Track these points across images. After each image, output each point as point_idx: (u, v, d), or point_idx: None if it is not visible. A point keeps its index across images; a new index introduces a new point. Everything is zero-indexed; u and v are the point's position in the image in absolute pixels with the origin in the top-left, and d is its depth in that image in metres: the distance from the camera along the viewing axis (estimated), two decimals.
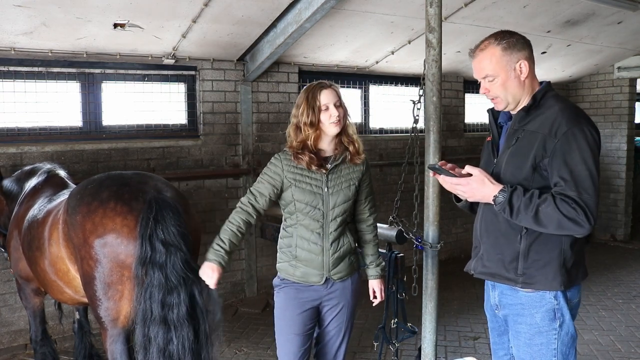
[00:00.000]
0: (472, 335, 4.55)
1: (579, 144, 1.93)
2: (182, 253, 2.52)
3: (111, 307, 2.57)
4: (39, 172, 3.46)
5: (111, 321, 2.60)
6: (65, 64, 4.49)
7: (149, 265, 2.47)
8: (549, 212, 1.90)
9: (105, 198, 2.60)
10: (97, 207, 2.57)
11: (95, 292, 2.57)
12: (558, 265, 2.03)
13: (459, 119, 7.13)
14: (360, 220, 2.66)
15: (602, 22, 5.75)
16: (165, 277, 2.46)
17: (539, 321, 2.07)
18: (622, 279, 6.16)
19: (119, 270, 2.54)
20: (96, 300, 2.58)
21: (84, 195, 2.66)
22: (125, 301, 2.57)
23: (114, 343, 2.63)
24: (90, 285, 2.58)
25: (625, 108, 7.76)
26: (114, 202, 2.58)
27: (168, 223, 2.52)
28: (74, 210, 2.62)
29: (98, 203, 2.59)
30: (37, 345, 3.47)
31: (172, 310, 2.46)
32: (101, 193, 2.63)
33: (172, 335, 2.45)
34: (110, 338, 2.63)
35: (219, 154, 5.25)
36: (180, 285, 2.49)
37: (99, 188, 2.67)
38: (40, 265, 2.91)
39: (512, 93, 2.10)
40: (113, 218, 2.54)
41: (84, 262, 2.57)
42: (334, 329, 2.61)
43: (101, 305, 2.58)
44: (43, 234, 2.87)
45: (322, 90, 2.43)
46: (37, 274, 3.00)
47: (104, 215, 2.55)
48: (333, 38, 5.08)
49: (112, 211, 2.56)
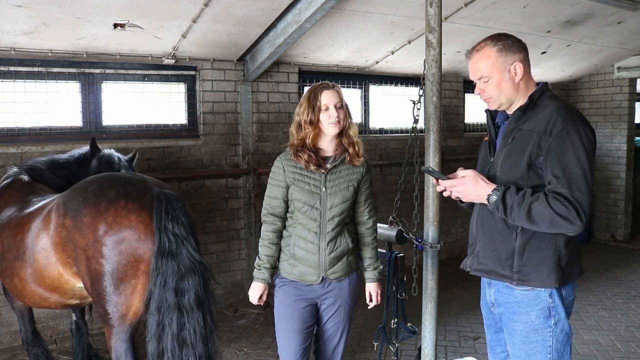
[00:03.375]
0: (472, 335, 4.56)
1: (573, 143, 1.96)
2: (192, 241, 2.66)
3: (122, 302, 2.62)
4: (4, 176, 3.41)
5: (119, 317, 2.63)
6: (65, 64, 4.49)
7: (165, 255, 2.58)
8: (541, 210, 1.93)
9: (113, 197, 2.64)
10: (107, 207, 2.61)
11: (105, 288, 2.60)
12: (553, 262, 2.05)
13: (459, 119, 7.13)
14: (360, 222, 2.67)
15: (602, 22, 5.75)
16: (177, 265, 2.59)
17: (534, 319, 2.09)
18: (622, 279, 6.16)
19: (135, 265, 2.61)
20: (105, 297, 2.61)
21: (87, 197, 2.67)
22: (137, 295, 2.63)
23: (119, 341, 2.65)
24: (99, 282, 2.60)
25: (625, 108, 7.76)
26: (124, 200, 2.63)
27: (178, 214, 2.65)
28: (78, 213, 2.63)
29: (107, 203, 2.62)
30: (28, 347, 3.46)
31: (184, 295, 2.59)
32: (107, 193, 2.66)
33: (184, 320, 2.57)
34: (116, 335, 2.65)
35: (219, 154, 5.25)
36: (190, 272, 2.62)
37: (102, 188, 2.70)
38: (20, 276, 2.87)
39: (506, 94, 2.13)
40: (127, 216, 2.60)
41: (92, 261, 2.59)
42: (331, 328, 2.64)
43: (110, 302, 2.61)
44: (23, 243, 2.83)
45: (323, 90, 2.48)
46: (14, 285, 2.96)
47: (117, 213, 2.60)
48: (333, 38, 5.08)
49: (124, 209, 2.61)
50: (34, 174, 3.36)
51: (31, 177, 3.33)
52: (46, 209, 2.85)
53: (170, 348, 2.55)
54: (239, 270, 5.46)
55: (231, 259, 5.41)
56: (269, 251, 2.58)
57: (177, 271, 2.59)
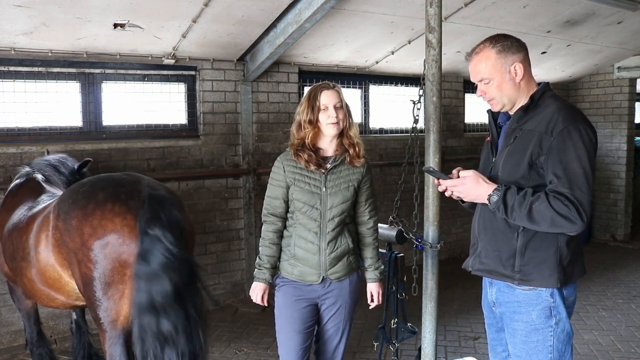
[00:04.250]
0: (472, 335, 4.56)
1: (574, 142, 1.96)
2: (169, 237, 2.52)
3: (111, 307, 2.56)
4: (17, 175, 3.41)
5: (110, 322, 2.59)
6: (65, 64, 4.49)
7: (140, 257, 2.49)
8: (542, 209, 1.93)
9: (101, 200, 2.58)
10: (93, 210, 2.55)
11: (95, 293, 2.56)
12: (554, 262, 2.05)
13: (459, 119, 7.13)
14: (360, 222, 2.67)
15: (602, 22, 5.75)
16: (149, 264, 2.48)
17: (535, 318, 2.09)
18: (622, 279, 6.16)
19: (121, 270, 2.54)
20: (95, 302, 2.57)
21: (77, 199, 2.63)
22: (125, 300, 2.56)
23: (113, 345, 2.61)
24: (89, 287, 2.57)
25: (625, 108, 7.76)
26: (111, 203, 2.57)
27: (159, 214, 2.54)
28: (68, 215, 2.59)
29: (94, 205, 2.56)
30: (33, 347, 3.44)
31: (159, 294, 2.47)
32: (96, 195, 2.61)
33: (163, 318, 2.48)
34: (109, 340, 2.61)
35: (219, 154, 5.25)
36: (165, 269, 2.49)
37: (93, 190, 2.64)
38: (27, 276, 2.87)
39: (508, 95, 2.14)
40: (112, 219, 2.53)
41: (82, 265, 2.55)
42: (332, 328, 2.64)
43: (100, 306, 2.57)
44: (28, 243, 2.82)
45: (323, 90, 2.48)
46: (24, 284, 2.95)
47: (102, 216, 2.53)
48: (333, 38, 5.08)
49: (110, 212, 2.54)
50: (46, 174, 3.34)
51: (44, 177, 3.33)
52: (47, 210, 2.84)
53: (152, 348, 2.48)
54: (239, 270, 5.46)
55: (231, 259, 5.41)
56: (270, 251, 2.58)
57: (149, 271, 2.48)
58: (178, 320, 2.50)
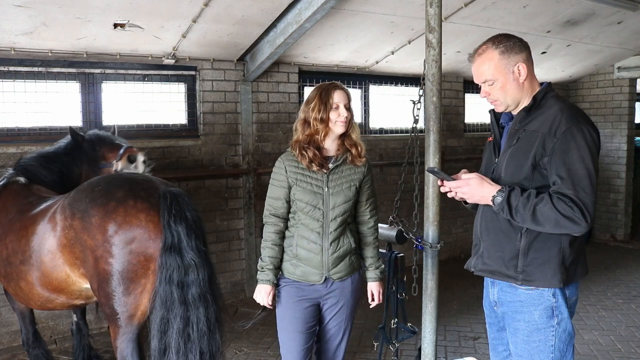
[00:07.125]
0: (472, 335, 4.56)
1: (578, 143, 1.96)
2: (196, 236, 2.67)
3: (131, 302, 2.62)
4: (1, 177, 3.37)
5: (128, 317, 2.64)
6: (65, 64, 4.49)
7: (169, 250, 2.59)
8: (545, 210, 1.93)
9: (121, 197, 2.65)
10: (116, 207, 2.62)
11: (114, 289, 2.61)
12: (557, 263, 2.05)
13: (459, 119, 7.13)
14: (361, 222, 2.68)
15: (602, 22, 5.75)
16: (181, 259, 2.60)
17: (537, 318, 2.10)
18: (622, 279, 6.16)
19: (145, 264, 2.62)
20: (114, 297, 2.62)
21: (94, 197, 2.68)
22: (145, 294, 2.64)
23: (126, 341, 2.65)
24: (108, 283, 2.61)
25: (625, 108, 7.76)
26: (133, 199, 2.64)
27: (183, 210, 2.66)
28: (86, 214, 2.63)
29: (115, 203, 2.63)
30: (29, 348, 3.44)
31: (189, 290, 2.60)
32: (115, 193, 2.67)
33: (189, 314, 2.58)
34: (122, 335, 2.65)
35: (219, 154, 5.25)
36: (194, 267, 2.63)
37: (110, 189, 2.70)
38: (27, 280, 2.86)
39: (512, 95, 2.13)
40: (136, 215, 2.61)
41: (101, 261, 2.59)
42: (333, 328, 2.64)
43: (119, 301, 2.61)
44: (29, 246, 2.82)
45: (336, 89, 2.51)
46: (20, 288, 2.95)
47: (126, 213, 2.61)
48: (333, 38, 5.08)
49: (133, 208, 2.62)
50: (29, 174, 3.32)
51: (27, 178, 3.29)
52: (50, 211, 2.84)
53: (175, 344, 2.54)
54: (239, 270, 5.46)
55: (231, 259, 5.41)
56: (272, 252, 2.57)
57: (182, 265, 2.59)
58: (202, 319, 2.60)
